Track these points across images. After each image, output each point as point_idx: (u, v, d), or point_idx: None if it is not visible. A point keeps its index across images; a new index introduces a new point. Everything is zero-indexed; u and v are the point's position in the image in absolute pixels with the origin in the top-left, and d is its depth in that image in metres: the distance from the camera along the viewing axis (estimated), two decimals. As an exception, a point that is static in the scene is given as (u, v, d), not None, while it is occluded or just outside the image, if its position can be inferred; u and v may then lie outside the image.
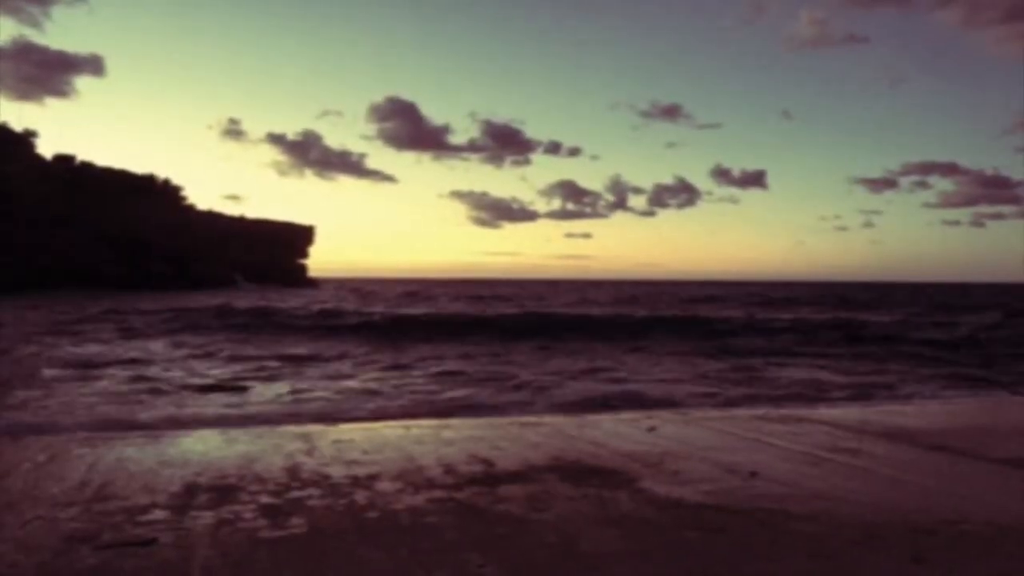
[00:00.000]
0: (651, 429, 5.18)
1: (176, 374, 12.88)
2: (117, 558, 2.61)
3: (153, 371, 13.13)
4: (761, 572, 2.55)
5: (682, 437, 4.94)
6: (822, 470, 4.05)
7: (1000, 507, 3.36)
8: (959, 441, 4.78)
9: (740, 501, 3.41)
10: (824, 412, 6.09)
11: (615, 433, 5.05)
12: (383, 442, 4.67)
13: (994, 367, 15.72)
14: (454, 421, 5.86)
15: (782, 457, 4.36)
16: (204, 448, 4.45)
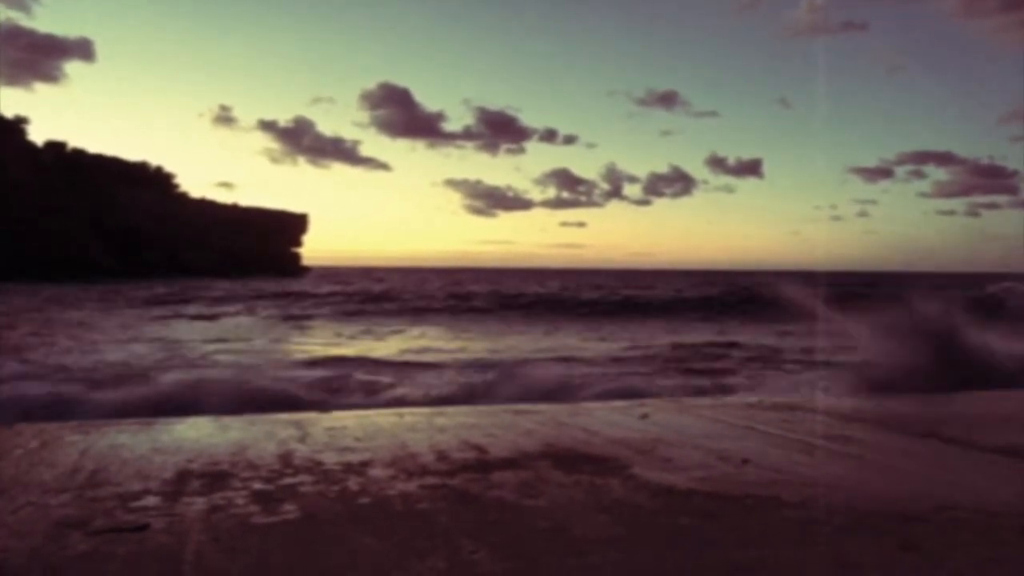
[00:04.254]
0: (643, 416, 5.19)
1: None
2: (109, 543, 2.61)
3: None
4: (752, 558, 2.57)
5: (674, 424, 4.96)
6: (813, 457, 4.07)
7: (991, 495, 3.38)
8: (951, 429, 4.81)
9: (732, 488, 3.42)
10: (817, 400, 6.12)
11: (607, 420, 5.06)
12: (376, 429, 4.67)
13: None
14: (447, 408, 5.86)
15: (774, 444, 4.38)
16: (197, 435, 4.45)
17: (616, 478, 3.58)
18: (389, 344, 23.35)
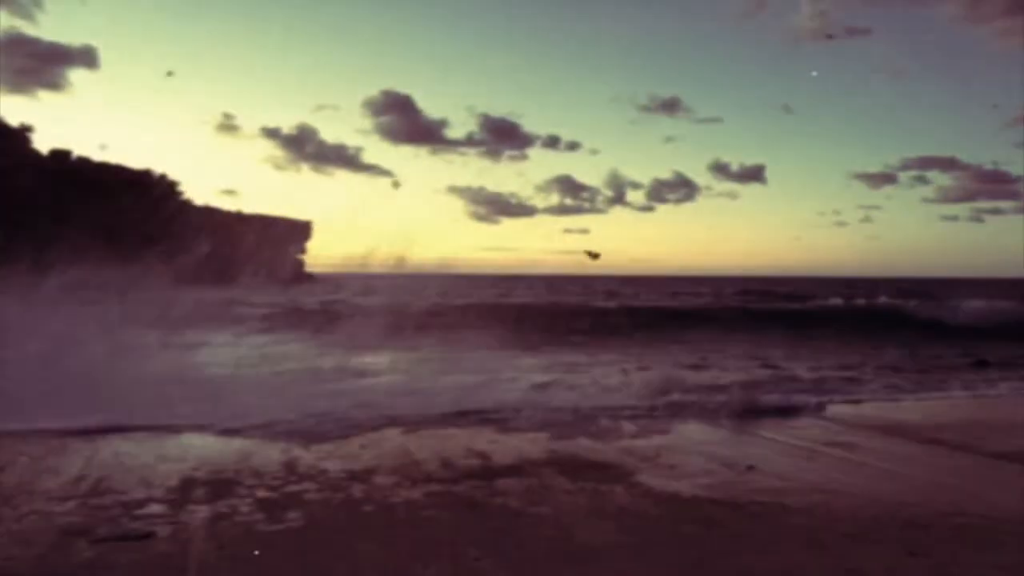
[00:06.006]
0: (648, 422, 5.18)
1: None
2: (114, 551, 2.61)
3: None
4: (757, 564, 2.56)
5: (679, 431, 4.95)
6: (818, 464, 4.06)
7: (996, 501, 3.37)
8: (955, 435, 4.79)
9: (737, 494, 3.42)
10: (821, 406, 6.09)
11: (612, 426, 5.05)
12: (380, 436, 4.67)
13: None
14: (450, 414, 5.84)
15: (779, 451, 4.37)
16: (201, 443, 4.44)
17: (620, 485, 3.57)
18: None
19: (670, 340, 13.38)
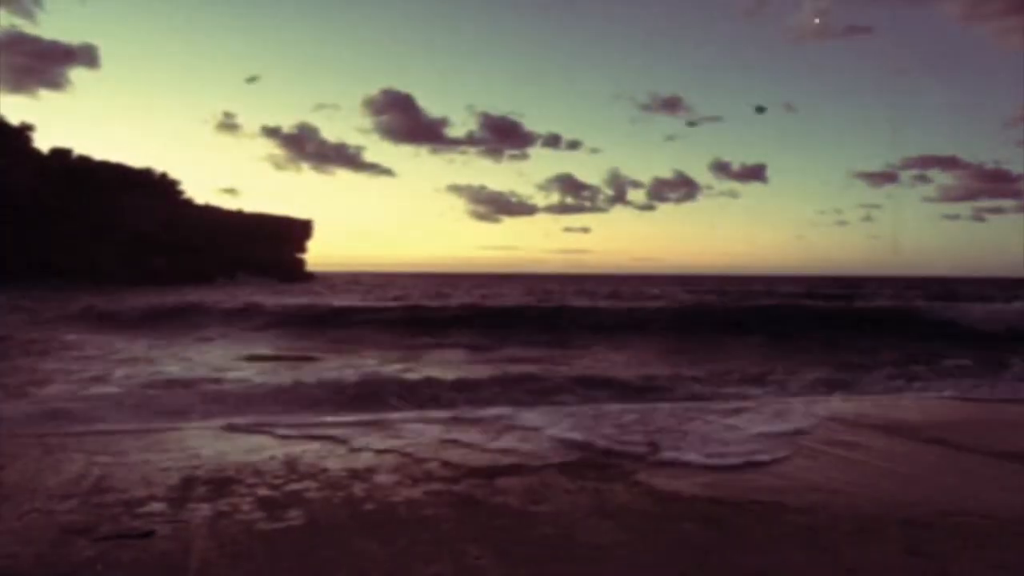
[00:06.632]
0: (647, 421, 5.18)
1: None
2: (115, 550, 2.62)
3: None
4: (757, 564, 2.56)
5: (679, 429, 4.95)
6: (819, 463, 4.06)
7: (998, 500, 3.37)
8: (957, 435, 4.79)
9: (737, 494, 3.42)
10: (822, 405, 6.10)
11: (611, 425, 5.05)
12: (381, 435, 4.67)
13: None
14: (451, 412, 5.85)
15: (779, 449, 4.37)
16: (201, 441, 4.45)
17: (621, 484, 3.57)
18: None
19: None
